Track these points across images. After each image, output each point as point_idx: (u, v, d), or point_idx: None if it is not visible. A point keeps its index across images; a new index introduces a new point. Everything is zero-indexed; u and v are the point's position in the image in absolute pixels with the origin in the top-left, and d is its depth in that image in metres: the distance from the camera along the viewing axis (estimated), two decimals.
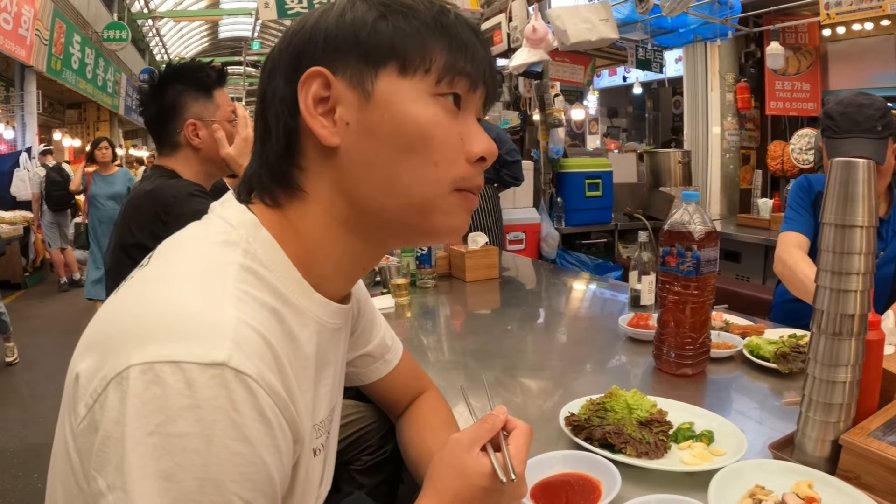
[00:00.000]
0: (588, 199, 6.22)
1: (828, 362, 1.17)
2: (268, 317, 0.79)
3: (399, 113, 0.83)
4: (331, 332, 0.96)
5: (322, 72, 0.83)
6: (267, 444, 0.72)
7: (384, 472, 1.66)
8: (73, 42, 10.99)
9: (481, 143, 0.89)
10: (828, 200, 1.16)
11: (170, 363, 0.67)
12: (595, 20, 5.29)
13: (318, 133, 0.84)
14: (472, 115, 0.90)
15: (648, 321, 2.13)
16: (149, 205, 2.09)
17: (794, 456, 1.23)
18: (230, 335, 0.71)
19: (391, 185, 0.85)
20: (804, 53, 6.78)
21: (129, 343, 0.70)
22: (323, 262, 0.90)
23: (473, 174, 0.89)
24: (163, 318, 0.72)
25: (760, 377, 1.73)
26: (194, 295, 0.76)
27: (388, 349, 1.37)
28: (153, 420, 0.66)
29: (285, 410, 0.75)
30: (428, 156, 0.85)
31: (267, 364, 0.74)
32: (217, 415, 0.67)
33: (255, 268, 0.83)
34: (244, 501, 0.69)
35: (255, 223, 0.87)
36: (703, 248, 1.64)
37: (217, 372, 0.68)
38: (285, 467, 0.77)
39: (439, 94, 0.85)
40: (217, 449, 0.67)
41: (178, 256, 0.84)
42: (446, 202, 0.88)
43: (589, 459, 1.24)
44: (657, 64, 7.44)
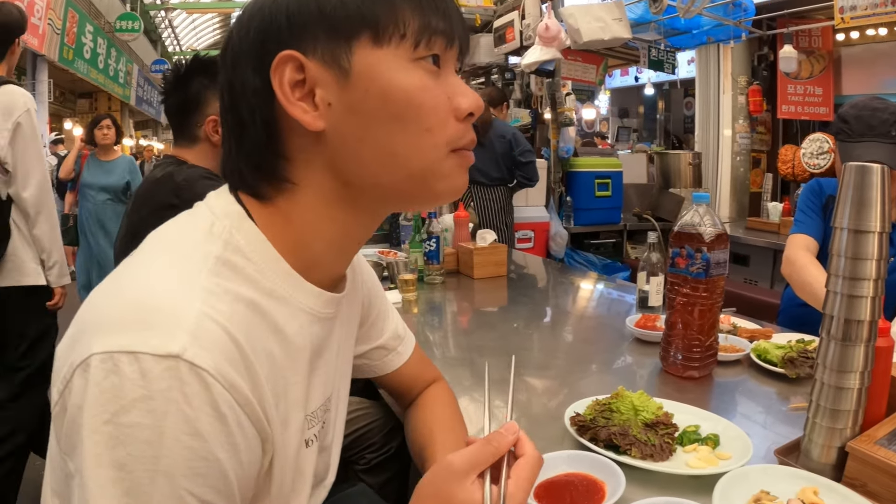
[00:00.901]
0: (598, 199, 6.22)
1: (837, 368, 1.16)
2: (241, 310, 0.78)
3: (384, 85, 0.81)
4: (324, 322, 0.94)
5: (293, 55, 0.80)
6: (221, 441, 0.70)
7: (390, 471, 1.66)
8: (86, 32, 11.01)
9: (467, 97, 0.87)
10: (841, 205, 1.15)
11: (127, 353, 0.67)
12: (608, 19, 5.27)
13: (301, 119, 0.81)
14: (451, 71, 0.88)
15: (656, 322, 2.12)
16: (160, 191, 2.09)
17: (799, 462, 1.22)
18: (189, 328, 0.70)
19: (387, 159, 0.84)
20: (817, 57, 6.74)
21: (96, 331, 0.70)
22: (315, 244, 0.88)
23: (465, 131, 0.88)
24: (128, 309, 0.72)
25: (767, 382, 1.72)
26: (163, 286, 0.75)
27: (400, 340, 1.36)
28: (109, 409, 0.66)
29: (246, 407, 0.74)
30: (420, 123, 0.83)
31: (229, 359, 0.72)
32: (169, 407, 0.67)
33: (235, 260, 0.81)
34: (195, 497, 0.68)
35: (241, 215, 0.86)
36: (712, 251, 1.63)
37: (171, 364, 0.67)
38: (245, 466, 0.74)
39: (419, 58, 0.83)
40: (168, 441, 0.67)
41: (159, 246, 0.84)
42: (446, 165, 0.87)
43: (593, 460, 1.23)
44: (670, 65, 7.41)
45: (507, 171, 5.27)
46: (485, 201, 5.28)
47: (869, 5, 4.76)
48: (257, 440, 0.77)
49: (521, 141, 5.21)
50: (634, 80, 11.48)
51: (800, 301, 2.43)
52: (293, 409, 0.89)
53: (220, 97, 0.89)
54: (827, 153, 6.12)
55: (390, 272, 2.99)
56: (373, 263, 3.13)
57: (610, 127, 12.80)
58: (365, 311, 1.24)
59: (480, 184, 5.24)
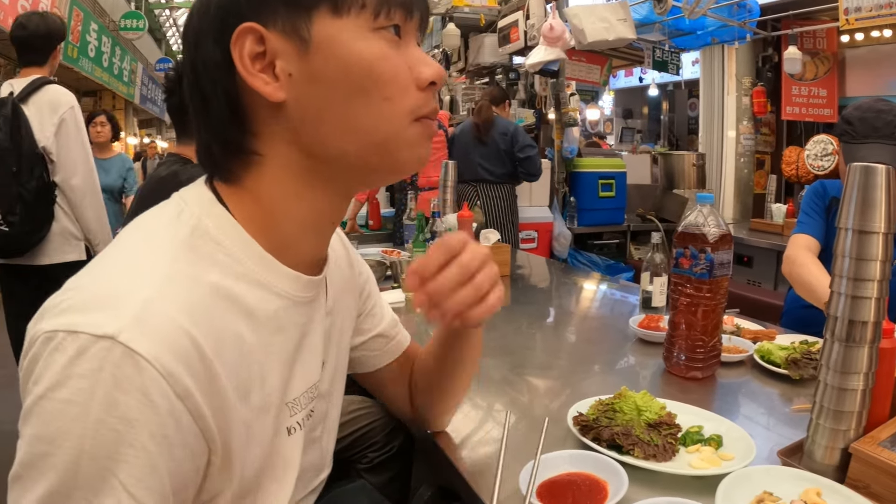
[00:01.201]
0: (601, 200, 6.21)
1: (840, 369, 1.16)
2: (204, 296, 0.78)
3: (344, 54, 0.82)
4: (303, 306, 0.94)
5: (253, 27, 0.80)
6: (151, 431, 0.69)
7: (392, 470, 1.66)
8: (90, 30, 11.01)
9: (429, 67, 0.88)
10: (845, 205, 1.14)
11: (69, 332, 0.69)
12: (613, 20, 5.27)
13: (262, 90, 0.81)
14: (412, 41, 0.89)
15: (659, 323, 2.12)
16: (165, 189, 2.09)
17: (802, 463, 1.22)
18: (133, 311, 0.70)
19: (349, 128, 0.84)
20: (822, 59, 6.73)
21: (52, 311, 0.72)
22: (285, 224, 0.89)
23: (427, 100, 0.88)
24: (82, 292, 0.74)
25: (771, 383, 1.72)
26: (120, 272, 0.76)
27: (397, 333, 1.36)
28: (45, 384, 0.68)
29: (187, 399, 0.72)
30: (380, 92, 0.84)
31: (172, 348, 0.71)
32: (97, 388, 0.67)
33: (201, 244, 0.82)
34: (121, 484, 0.68)
35: (212, 200, 0.87)
36: (716, 251, 1.63)
37: (106, 345, 0.68)
38: (178, 461, 0.72)
39: (378, 27, 0.83)
40: (92, 422, 0.67)
41: (129, 235, 0.84)
42: (408, 134, 0.87)
43: (596, 460, 1.23)
44: (674, 66, 7.39)
45: (512, 168, 5.30)
46: (491, 199, 5.30)
47: (874, 7, 4.75)
48: (198, 437, 0.75)
49: (521, 136, 5.25)
50: (639, 80, 11.47)
51: (803, 303, 2.42)
52: (273, 395, 0.88)
53: (185, 78, 0.90)
54: (831, 155, 6.12)
55: (394, 271, 2.98)
56: (376, 262, 3.14)
57: (614, 128, 12.79)
58: (362, 301, 1.24)
59: (486, 181, 5.27)
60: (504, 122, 5.35)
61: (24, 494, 0.67)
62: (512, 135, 5.22)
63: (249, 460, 0.84)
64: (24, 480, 0.68)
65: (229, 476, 0.81)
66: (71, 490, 0.66)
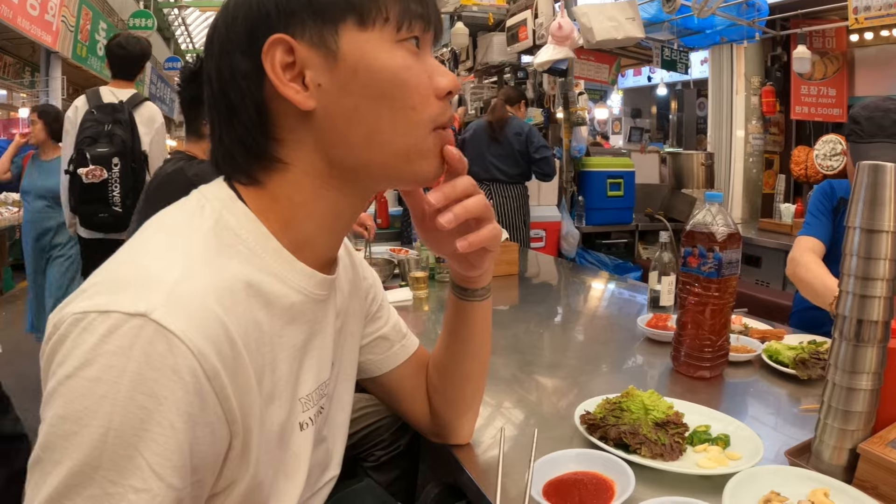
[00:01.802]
0: (609, 199, 6.21)
1: (849, 369, 1.15)
2: (228, 281, 0.79)
3: (372, 65, 0.84)
4: (316, 303, 0.95)
5: (283, 38, 0.83)
6: (179, 409, 0.69)
7: (399, 468, 1.66)
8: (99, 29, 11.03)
9: (446, 77, 0.91)
10: (854, 204, 1.14)
11: (100, 312, 0.69)
12: (621, 18, 5.27)
13: (293, 99, 0.84)
14: (428, 52, 0.92)
15: (667, 322, 2.11)
16: (172, 186, 2.11)
17: (810, 463, 1.21)
18: (164, 290, 0.71)
19: (374, 137, 0.87)
20: (831, 58, 6.70)
21: (80, 296, 0.73)
22: (304, 224, 0.90)
23: (444, 109, 0.91)
24: (110, 275, 0.75)
25: (778, 382, 1.72)
26: (151, 256, 0.78)
27: (403, 335, 1.34)
28: (73, 363, 0.68)
29: (214, 380, 0.73)
30: (405, 101, 0.86)
31: (202, 327, 0.72)
32: (129, 364, 0.67)
33: (225, 236, 0.84)
34: (147, 463, 0.68)
35: (232, 197, 0.88)
36: (725, 250, 1.62)
37: (138, 322, 0.68)
38: (202, 442, 0.73)
39: (401, 39, 0.86)
40: (123, 399, 0.67)
41: (153, 228, 0.85)
42: (428, 143, 0.90)
43: (603, 459, 1.22)
44: (682, 65, 7.38)
45: (526, 168, 5.30)
46: (503, 198, 5.29)
47: (883, 6, 4.73)
48: (221, 420, 0.75)
49: (535, 137, 5.23)
50: (647, 80, 11.46)
51: (811, 304, 2.42)
52: (283, 386, 0.89)
53: (207, 85, 0.91)
54: (840, 155, 6.10)
55: (401, 270, 2.98)
56: (384, 261, 3.14)
57: (622, 127, 12.78)
58: (368, 304, 1.24)
59: (498, 181, 5.26)
60: (518, 121, 5.34)
61: (45, 479, 0.67)
62: (527, 135, 5.20)
63: (263, 450, 0.84)
64: (44, 464, 0.68)
65: (247, 464, 0.81)
66: (95, 470, 0.66)
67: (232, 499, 0.82)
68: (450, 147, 0.94)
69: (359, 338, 1.21)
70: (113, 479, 0.66)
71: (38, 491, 0.67)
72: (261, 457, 0.83)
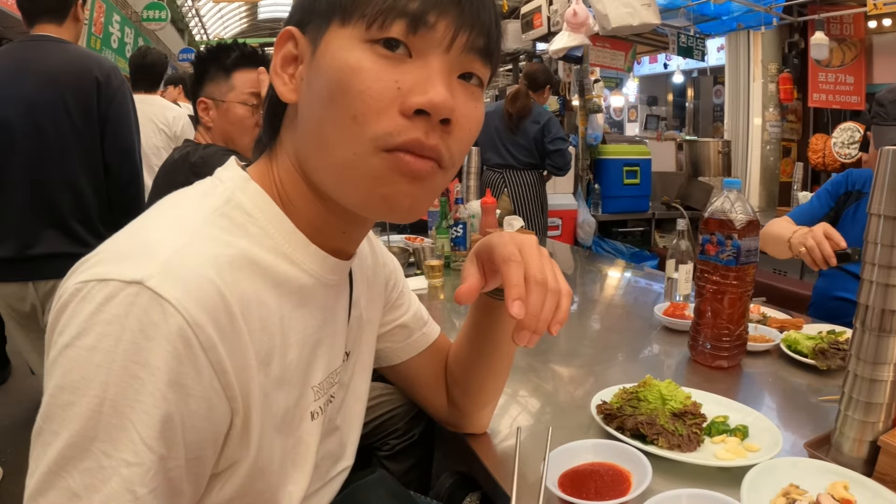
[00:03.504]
0: (626, 187, 6.19)
1: (870, 360, 1.13)
2: (233, 257, 0.78)
3: (327, 63, 0.79)
4: (328, 288, 0.94)
5: (291, 31, 0.84)
6: (171, 379, 0.68)
7: (413, 458, 1.66)
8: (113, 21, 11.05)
9: (426, 93, 0.76)
10: (876, 191, 1.12)
11: (98, 280, 0.69)
12: (637, 5, 5.21)
13: (278, 89, 0.85)
14: (433, 64, 0.78)
15: (685, 311, 2.09)
16: (177, 172, 2.15)
17: (829, 455, 1.20)
18: (163, 259, 0.71)
19: (319, 142, 0.81)
20: (849, 45, 6.63)
21: (83, 266, 0.73)
22: (302, 220, 0.88)
23: (405, 129, 0.77)
24: (115, 247, 0.75)
25: (797, 373, 1.70)
26: (153, 229, 0.78)
27: (424, 323, 1.32)
28: (71, 332, 0.68)
29: (210, 351, 0.71)
30: (348, 109, 0.77)
31: (200, 298, 0.71)
32: (123, 333, 0.67)
33: (234, 215, 0.83)
34: (139, 434, 0.67)
35: (245, 178, 0.88)
36: (743, 238, 1.61)
37: (134, 290, 0.68)
38: (195, 415, 0.71)
39: (371, 40, 0.77)
40: (117, 368, 0.66)
41: (160, 204, 0.85)
42: (370, 165, 0.78)
43: (620, 449, 1.21)
44: (699, 52, 7.32)
45: (539, 157, 5.14)
46: (518, 186, 5.13)
47: None
48: (219, 394, 0.74)
49: (553, 127, 5.06)
50: (663, 67, 11.38)
51: (832, 294, 2.39)
52: (293, 371, 0.88)
53: None
54: (858, 142, 6.04)
55: (417, 258, 2.98)
56: (399, 249, 3.13)
57: (638, 115, 12.71)
58: (388, 292, 1.23)
59: (512, 167, 5.13)
60: (538, 108, 5.14)
61: (46, 450, 0.67)
62: (544, 124, 5.01)
63: (267, 435, 0.83)
64: (44, 435, 0.68)
65: (247, 445, 0.80)
66: (90, 442, 0.66)
67: (234, 480, 0.81)
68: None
69: (377, 325, 1.19)
70: (107, 452, 0.66)
71: (39, 463, 0.67)
72: (263, 440, 0.82)
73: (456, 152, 0.83)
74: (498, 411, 1.41)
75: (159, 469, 0.68)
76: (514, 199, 5.07)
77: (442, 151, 0.80)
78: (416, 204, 0.83)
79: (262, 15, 21.80)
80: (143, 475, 0.67)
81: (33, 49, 2.51)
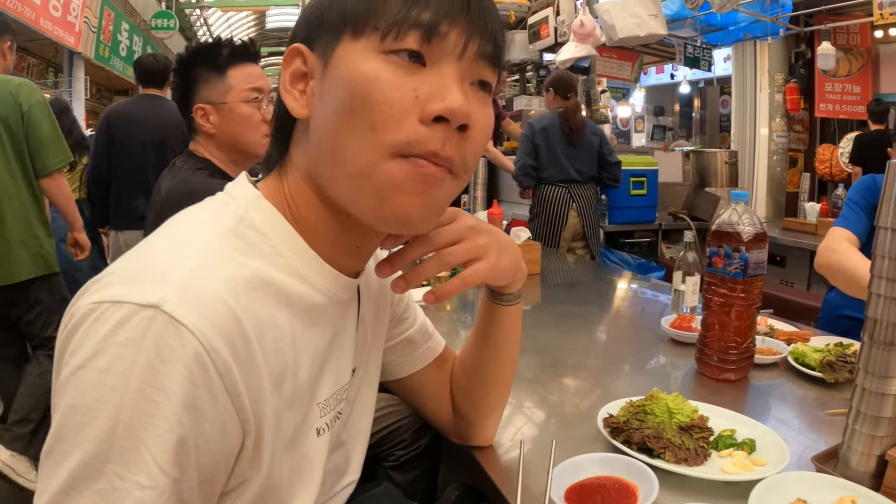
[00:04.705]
0: (632, 198, 6.16)
1: (879, 374, 1.13)
2: (248, 277, 0.78)
3: (342, 75, 0.79)
4: (339, 305, 0.94)
5: (299, 48, 0.84)
6: (186, 403, 0.68)
7: (419, 469, 1.65)
8: (122, 30, 11.12)
9: (444, 100, 0.78)
10: (884, 203, 1.11)
11: (113, 302, 0.69)
12: (644, 15, 5.23)
13: (289, 105, 0.85)
14: (447, 72, 0.80)
15: (692, 323, 2.09)
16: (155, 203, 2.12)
17: (837, 469, 1.19)
18: (178, 282, 0.71)
19: (335, 155, 0.81)
20: (855, 55, 6.64)
21: (95, 286, 0.72)
22: (315, 237, 0.88)
23: (426, 137, 0.78)
24: (128, 267, 0.75)
25: (805, 386, 1.69)
26: (167, 249, 0.78)
27: (430, 337, 1.32)
28: (85, 353, 0.68)
29: (226, 375, 0.71)
30: (365, 118, 0.77)
31: (215, 322, 0.71)
32: (139, 357, 0.67)
33: (248, 234, 0.83)
34: (153, 457, 0.67)
35: (257, 195, 0.87)
36: (751, 250, 1.60)
37: (149, 314, 0.68)
38: (209, 438, 0.71)
39: (387, 51, 0.78)
40: (132, 392, 0.66)
41: (173, 221, 0.85)
42: (386, 171, 0.78)
43: (626, 463, 1.21)
44: (706, 62, 7.34)
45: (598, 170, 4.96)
46: (584, 199, 4.88)
47: None
48: (232, 417, 0.74)
49: (607, 139, 4.97)
50: (670, 77, 11.39)
51: (843, 312, 2.35)
52: (302, 390, 0.88)
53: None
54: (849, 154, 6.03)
55: None
56: None
57: (645, 125, 12.73)
58: (395, 306, 1.23)
59: (576, 182, 4.86)
60: (590, 122, 4.96)
61: (56, 470, 0.67)
62: (602, 136, 4.86)
63: (278, 454, 0.83)
64: (55, 454, 0.67)
65: (258, 464, 0.80)
66: (103, 464, 0.66)
67: (244, 498, 0.81)
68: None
69: (383, 340, 1.19)
70: (120, 474, 0.66)
71: (49, 482, 0.67)
72: (274, 459, 0.82)
73: (470, 158, 0.84)
74: (504, 423, 1.41)
75: (173, 492, 0.68)
76: (582, 214, 4.86)
77: (455, 160, 0.81)
78: (427, 212, 0.84)
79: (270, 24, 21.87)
80: (157, 498, 0.67)
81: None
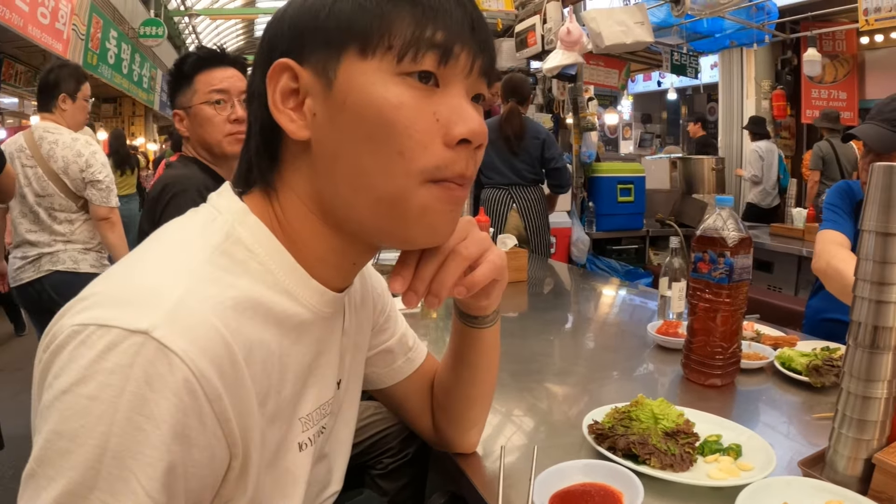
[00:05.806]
0: (620, 205, 6.20)
1: (863, 377, 1.13)
2: (236, 299, 0.76)
3: (359, 99, 0.77)
4: (325, 321, 0.92)
5: (288, 64, 0.80)
6: (176, 432, 0.67)
7: (407, 477, 1.64)
8: (110, 37, 11.08)
9: (466, 122, 0.79)
10: (868, 207, 1.11)
11: (99, 325, 0.67)
12: (630, 23, 5.25)
13: (286, 127, 0.81)
14: (457, 91, 0.81)
15: (678, 329, 2.08)
16: None
17: (824, 474, 1.18)
18: (167, 308, 0.69)
19: (357, 180, 0.80)
20: (841, 61, 6.69)
21: (78, 306, 0.71)
22: (307, 255, 0.86)
23: (453, 160, 0.80)
24: (114, 288, 0.73)
25: (791, 390, 1.69)
26: (154, 270, 0.76)
27: (409, 348, 1.31)
28: (70, 378, 0.66)
29: (216, 402, 0.70)
30: (392, 144, 0.77)
31: (205, 348, 0.70)
32: (127, 384, 0.65)
33: (235, 251, 0.81)
34: (141, 486, 0.65)
35: (244, 210, 0.85)
36: (736, 255, 1.60)
37: (138, 340, 0.66)
38: (197, 465, 0.70)
39: (403, 73, 0.77)
40: (120, 420, 0.65)
41: (158, 237, 0.84)
42: (419, 197, 0.79)
43: (611, 469, 1.20)
44: (692, 69, 7.37)
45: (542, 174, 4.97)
46: (527, 202, 4.90)
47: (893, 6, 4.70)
48: (220, 441, 0.73)
49: (552, 144, 4.92)
50: (657, 85, 11.47)
51: (825, 315, 2.36)
52: (284, 405, 0.87)
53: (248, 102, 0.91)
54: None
55: None
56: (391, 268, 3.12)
57: (633, 132, 12.77)
58: (376, 316, 1.22)
59: (517, 184, 4.89)
60: (535, 125, 4.96)
61: (39, 493, 0.65)
62: (544, 140, 4.84)
63: (261, 471, 0.82)
64: (38, 479, 0.66)
65: (244, 485, 0.79)
66: (89, 491, 0.64)
67: None
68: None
69: (365, 350, 1.18)
70: (106, 502, 0.65)
71: None
72: (260, 478, 0.81)
73: (475, 171, 0.85)
74: (490, 430, 1.40)
75: None
76: (526, 214, 4.89)
77: (472, 176, 0.84)
78: (453, 226, 0.88)
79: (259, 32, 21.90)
80: None
81: None
